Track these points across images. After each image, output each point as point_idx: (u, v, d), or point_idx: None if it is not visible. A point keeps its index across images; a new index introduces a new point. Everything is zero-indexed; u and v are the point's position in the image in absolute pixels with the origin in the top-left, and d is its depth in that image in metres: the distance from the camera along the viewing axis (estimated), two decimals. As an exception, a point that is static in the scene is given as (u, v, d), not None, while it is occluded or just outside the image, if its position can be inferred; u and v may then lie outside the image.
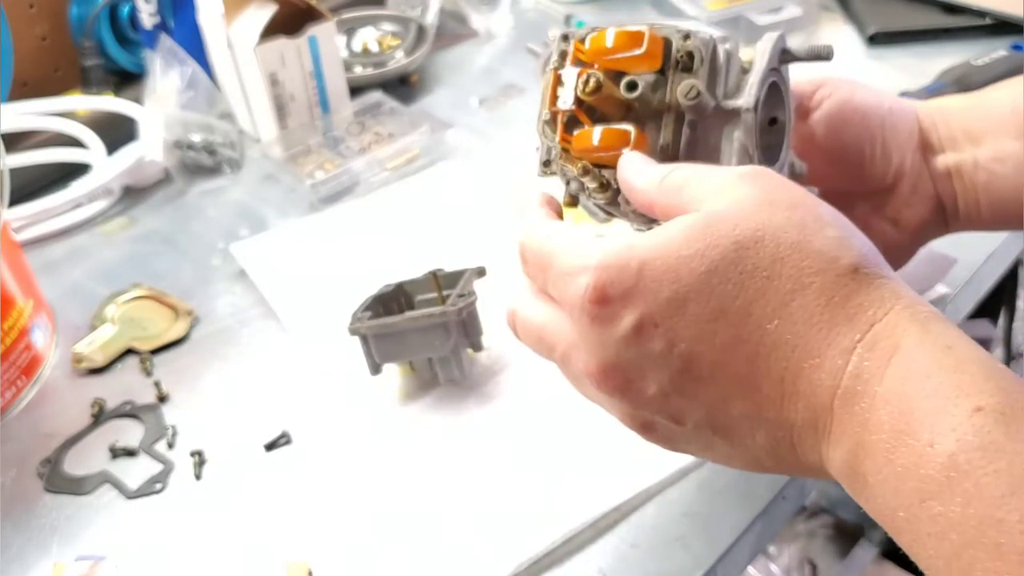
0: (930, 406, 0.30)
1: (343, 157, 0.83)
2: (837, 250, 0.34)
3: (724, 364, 0.35)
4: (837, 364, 0.33)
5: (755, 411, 0.35)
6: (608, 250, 0.36)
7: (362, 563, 0.50)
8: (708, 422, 0.36)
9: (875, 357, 0.32)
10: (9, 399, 0.62)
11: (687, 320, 0.34)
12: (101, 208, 0.81)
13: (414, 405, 0.59)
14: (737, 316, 0.34)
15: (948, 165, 0.52)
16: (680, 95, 0.42)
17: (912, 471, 0.30)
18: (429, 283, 0.63)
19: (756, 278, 0.34)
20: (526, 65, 0.97)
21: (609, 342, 0.36)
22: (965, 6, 0.97)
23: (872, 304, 0.33)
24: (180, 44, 0.85)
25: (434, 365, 0.58)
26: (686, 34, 0.43)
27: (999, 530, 0.27)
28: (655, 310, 0.35)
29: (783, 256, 0.34)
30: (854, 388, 0.32)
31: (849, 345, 0.33)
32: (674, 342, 0.35)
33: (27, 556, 0.53)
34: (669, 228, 0.35)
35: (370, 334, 0.57)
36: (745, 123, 0.43)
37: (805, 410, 0.34)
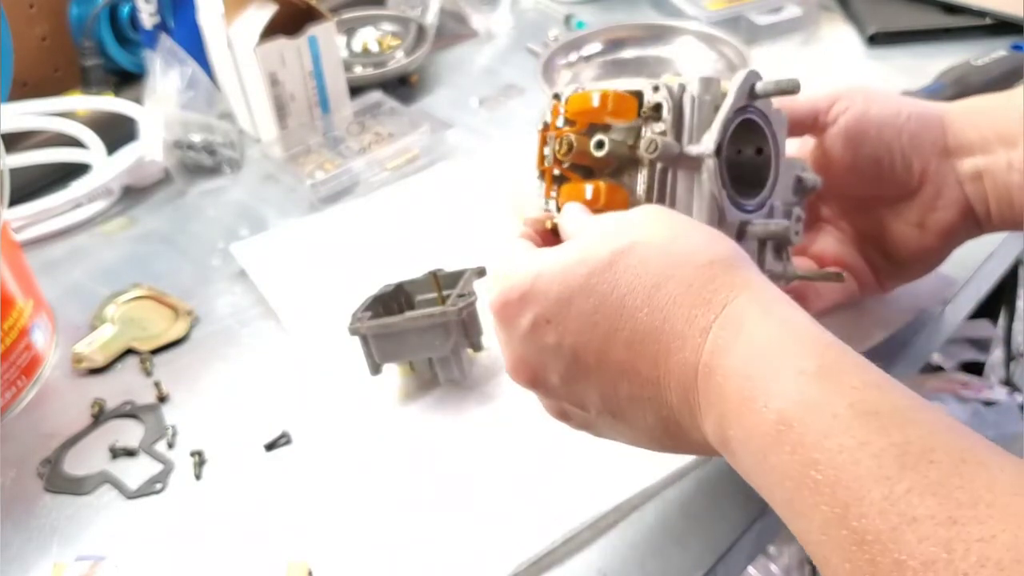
0: (765, 373, 0.35)
1: (343, 157, 0.83)
2: (697, 249, 0.40)
3: (607, 352, 0.40)
4: (697, 342, 0.38)
5: (639, 392, 0.40)
6: (516, 264, 0.43)
7: (362, 563, 0.50)
8: (605, 407, 0.42)
9: (726, 335, 0.37)
10: (9, 399, 0.62)
11: (572, 315, 0.41)
12: (101, 208, 0.81)
13: (414, 405, 0.59)
14: (613, 309, 0.40)
15: (978, 168, 0.52)
16: (642, 150, 0.46)
17: (756, 431, 0.35)
18: (429, 283, 0.63)
19: (627, 275, 0.40)
20: (526, 65, 0.97)
21: (515, 339, 0.43)
22: (965, 6, 0.97)
23: (724, 288, 0.38)
24: (180, 44, 0.85)
25: (434, 365, 0.58)
26: (655, 86, 0.47)
27: (816, 469, 0.32)
28: (547, 308, 0.41)
29: (651, 257, 0.40)
30: (711, 363, 0.37)
31: (706, 325, 0.38)
32: (564, 335, 0.41)
33: (27, 556, 0.53)
34: (562, 245, 0.42)
35: (370, 334, 0.57)
36: (708, 168, 0.46)
37: (678, 388, 0.39)
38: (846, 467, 0.31)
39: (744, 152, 0.51)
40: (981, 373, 1.31)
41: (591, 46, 0.97)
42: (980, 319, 1.28)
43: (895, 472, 0.30)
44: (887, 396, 0.33)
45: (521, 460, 0.55)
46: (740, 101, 0.48)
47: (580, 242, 0.42)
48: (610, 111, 0.47)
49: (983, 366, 1.32)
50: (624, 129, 0.48)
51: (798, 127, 0.54)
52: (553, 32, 1.03)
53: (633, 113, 0.48)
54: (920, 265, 0.57)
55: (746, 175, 0.50)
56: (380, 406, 0.59)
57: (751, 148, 0.51)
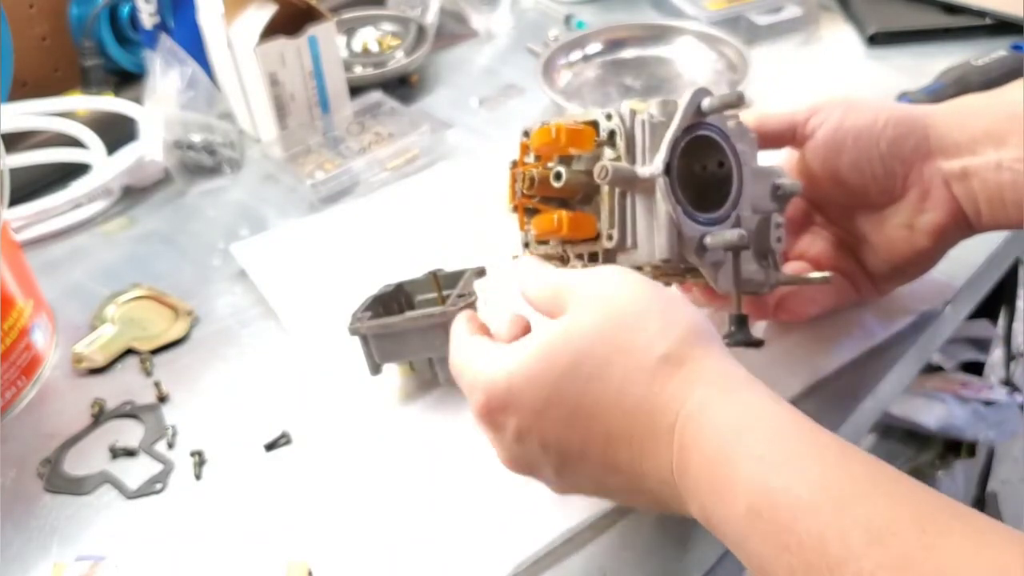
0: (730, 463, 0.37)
1: (343, 157, 0.83)
2: (652, 342, 0.41)
3: (588, 454, 0.42)
4: (666, 441, 0.39)
5: (627, 484, 0.42)
6: (487, 370, 0.44)
7: (362, 563, 0.50)
8: (602, 491, 0.45)
9: (690, 432, 0.39)
10: (9, 399, 0.62)
11: (550, 423, 0.42)
12: (101, 208, 0.81)
13: (414, 405, 0.59)
14: (586, 414, 0.41)
15: (966, 168, 0.52)
16: (596, 176, 0.48)
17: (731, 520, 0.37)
18: (429, 283, 0.62)
19: (593, 381, 0.41)
20: (526, 65, 0.97)
21: (505, 443, 0.45)
22: (965, 6, 0.97)
23: (682, 386, 0.40)
24: (180, 44, 0.85)
25: (434, 365, 0.58)
26: (608, 114, 0.50)
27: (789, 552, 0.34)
28: (526, 418, 0.42)
29: (611, 358, 0.41)
30: (682, 461, 0.39)
31: (670, 424, 0.39)
32: (546, 441, 0.43)
33: (27, 556, 0.53)
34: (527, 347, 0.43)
35: (370, 334, 0.57)
36: (660, 187, 0.48)
37: (658, 483, 0.40)
38: (816, 550, 0.33)
39: (709, 167, 0.52)
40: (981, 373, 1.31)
41: (591, 46, 0.97)
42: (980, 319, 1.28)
43: (862, 550, 0.31)
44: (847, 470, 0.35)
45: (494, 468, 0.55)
46: (687, 120, 0.49)
47: (539, 349, 0.42)
48: (564, 143, 0.49)
49: (983, 366, 1.32)
50: (587, 159, 0.51)
51: (778, 140, 0.55)
52: (553, 32, 1.03)
53: (591, 143, 0.50)
54: (914, 268, 0.57)
55: (714, 189, 0.52)
56: (380, 406, 0.59)
57: (713, 162, 0.52)
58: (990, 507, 1.35)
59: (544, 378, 0.42)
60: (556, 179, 0.50)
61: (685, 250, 0.49)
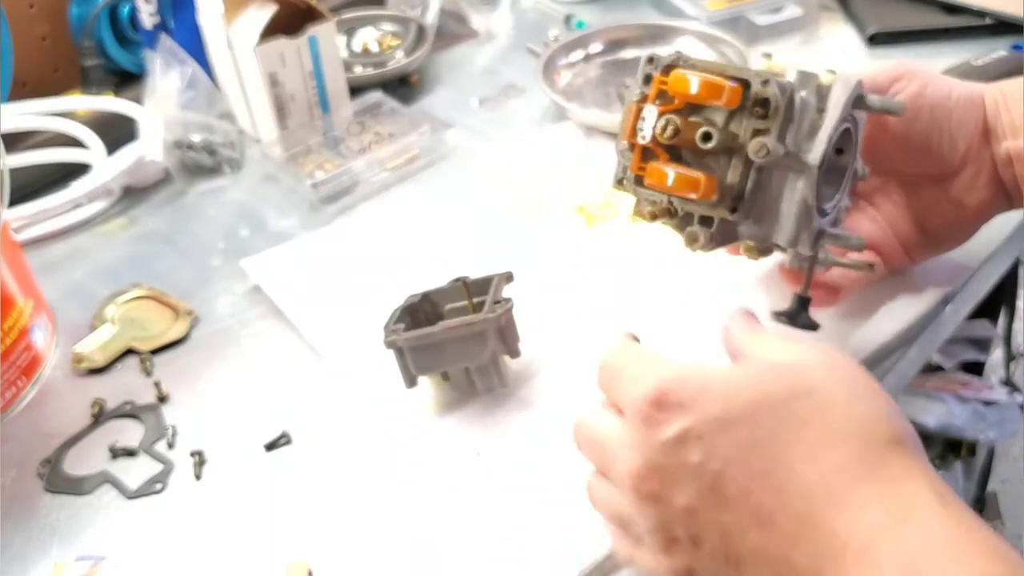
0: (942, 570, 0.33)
1: (343, 157, 0.83)
2: (880, 420, 0.38)
3: (750, 492, 0.37)
4: (855, 516, 0.35)
5: (767, 546, 0.37)
6: (677, 366, 0.40)
7: (362, 563, 0.50)
8: (722, 548, 0.38)
9: (890, 519, 0.35)
10: (9, 399, 0.62)
11: (726, 440, 0.37)
12: (101, 208, 0.80)
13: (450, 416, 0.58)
14: (773, 450, 0.37)
15: (1010, 151, 0.54)
16: (751, 152, 0.45)
17: None
18: (457, 291, 0.61)
19: (799, 421, 0.37)
20: (526, 65, 0.97)
21: (654, 444, 0.39)
22: (965, 6, 0.97)
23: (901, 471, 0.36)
24: (180, 44, 0.85)
25: (471, 374, 0.57)
26: (765, 80, 0.46)
27: None
28: (701, 423, 0.38)
29: (828, 409, 0.37)
30: (869, 544, 0.34)
31: (866, 500, 0.35)
32: (710, 458, 0.38)
33: (27, 556, 0.53)
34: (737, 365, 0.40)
35: (406, 346, 0.56)
36: (808, 176, 0.46)
37: (814, 555, 0.35)
38: None
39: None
40: (981, 373, 1.31)
41: (591, 46, 0.97)
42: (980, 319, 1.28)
43: None
44: None
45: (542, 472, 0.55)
46: (847, 110, 0.48)
47: (754, 369, 0.39)
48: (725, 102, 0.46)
49: (983, 366, 1.32)
50: (718, 111, 0.47)
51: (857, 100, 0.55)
52: (553, 32, 1.03)
53: (738, 103, 0.46)
54: (953, 241, 0.59)
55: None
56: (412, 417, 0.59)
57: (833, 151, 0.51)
58: (990, 507, 1.35)
59: (748, 396, 0.38)
60: (705, 140, 0.46)
61: (802, 238, 0.48)
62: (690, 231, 0.49)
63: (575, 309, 0.65)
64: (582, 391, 0.58)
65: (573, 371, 0.60)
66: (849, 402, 0.38)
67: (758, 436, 0.37)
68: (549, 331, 0.63)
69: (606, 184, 0.75)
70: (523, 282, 0.61)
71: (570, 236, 0.72)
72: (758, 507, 0.37)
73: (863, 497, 0.35)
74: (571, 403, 0.58)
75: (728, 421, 0.38)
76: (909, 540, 0.34)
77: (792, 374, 0.39)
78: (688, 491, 0.38)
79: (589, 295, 0.66)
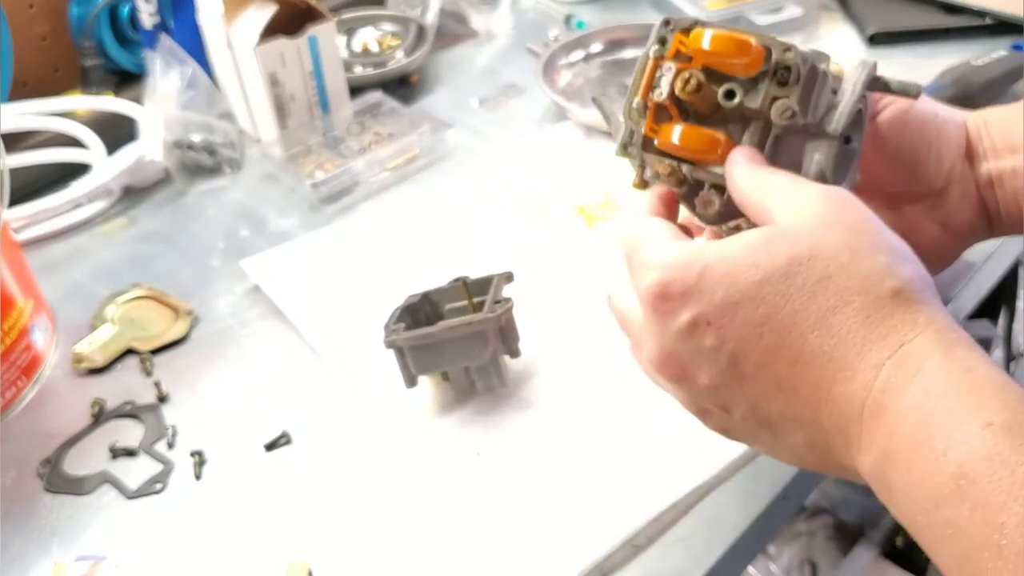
0: (946, 421, 0.33)
1: (343, 157, 0.83)
2: (882, 275, 0.37)
3: (766, 365, 0.38)
4: (867, 378, 0.36)
5: (793, 412, 0.38)
6: (677, 252, 0.40)
7: (362, 563, 0.50)
8: (752, 416, 0.40)
9: (901, 375, 0.35)
10: (9, 399, 0.62)
11: (737, 322, 0.38)
12: (101, 208, 0.81)
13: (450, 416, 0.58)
14: (782, 324, 0.37)
15: (991, 172, 0.53)
16: (775, 114, 0.44)
17: (928, 479, 0.33)
18: (456, 291, 0.61)
19: (804, 292, 0.37)
20: (526, 65, 0.97)
21: (667, 334, 0.40)
22: (965, 6, 0.97)
23: (905, 326, 0.36)
24: (180, 44, 0.85)
25: (471, 374, 0.57)
26: (787, 47, 0.45)
27: (1001, 533, 0.30)
28: (709, 310, 0.38)
29: (831, 275, 0.37)
30: (881, 401, 0.35)
31: (879, 361, 0.36)
32: (723, 340, 0.38)
33: (27, 556, 0.53)
34: (734, 239, 0.39)
35: (406, 346, 0.56)
36: (828, 147, 0.45)
37: (837, 417, 0.37)
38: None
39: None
40: (981, 373, 1.31)
41: (591, 46, 0.97)
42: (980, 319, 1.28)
43: None
44: None
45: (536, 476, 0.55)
46: (864, 90, 0.47)
47: (753, 243, 0.39)
48: (749, 61, 0.44)
49: (983, 366, 1.32)
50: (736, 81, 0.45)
51: None
52: (553, 32, 1.03)
53: (759, 69, 0.45)
54: (937, 263, 0.57)
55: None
56: (413, 417, 0.59)
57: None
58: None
59: (749, 274, 0.38)
60: (728, 98, 0.45)
61: None
62: (704, 196, 0.46)
63: (575, 309, 0.65)
64: (582, 391, 0.59)
65: (573, 371, 0.60)
66: (851, 263, 0.37)
67: (765, 312, 0.38)
68: (549, 331, 0.63)
69: (606, 184, 0.75)
70: (523, 282, 0.61)
71: (570, 236, 0.72)
72: (778, 378, 0.38)
73: (873, 358, 0.36)
74: (571, 403, 0.58)
75: (734, 303, 0.38)
76: (917, 395, 0.34)
77: (791, 242, 0.38)
78: (708, 372, 0.40)
79: (589, 295, 0.66)
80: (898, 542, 1.21)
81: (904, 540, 1.21)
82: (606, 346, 0.62)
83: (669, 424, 0.56)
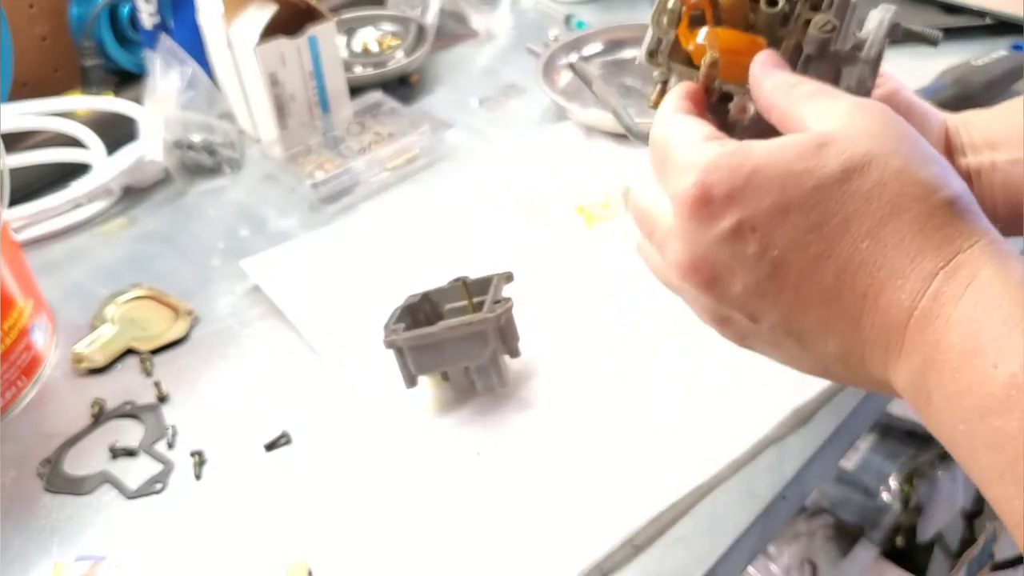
0: (998, 331, 0.32)
1: (343, 157, 0.83)
2: (937, 184, 0.36)
3: (811, 274, 0.37)
4: (918, 287, 0.35)
5: (831, 322, 0.37)
6: (721, 152, 0.38)
7: (362, 563, 0.50)
8: (784, 325, 0.39)
9: (954, 284, 0.34)
10: (9, 399, 0.62)
11: (785, 229, 0.36)
12: (101, 208, 0.81)
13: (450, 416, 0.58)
14: (833, 232, 0.36)
15: (969, 167, 0.53)
16: (814, 27, 0.43)
17: (976, 388, 0.32)
18: (456, 291, 0.61)
19: (857, 199, 0.36)
20: (526, 65, 0.97)
21: (705, 239, 0.38)
22: (965, 6, 0.97)
23: (960, 236, 0.35)
24: (180, 44, 0.85)
25: (471, 374, 0.57)
26: None
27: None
28: (756, 215, 0.37)
29: (886, 182, 0.36)
30: (930, 310, 0.34)
31: (932, 270, 0.35)
32: (768, 248, 0.37)
33: (27, 556, 0.53)
34: (784, 141, 0.37)
35: (406, 346, 0.56)
36: (860, 73, 0.45)
37: (880, 327, 0.36)
38: None
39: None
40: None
41: (591, 46, 0.97)
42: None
43: None
44: None
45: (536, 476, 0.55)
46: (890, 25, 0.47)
47: (805, 144, 0.37)
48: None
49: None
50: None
51: None
52: (553, 32, 1.03)
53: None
54: None
55: None
56: (412, 417, 0.59)
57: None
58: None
59: (802, 179, 0.36)
60: (771, 3, 0.44)
61: None
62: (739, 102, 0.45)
63: (575, 309, 0.65)
64: (582, 391, 0.59)
65: (573, 371, 0.60)
66: (905, 170, 0.36)
67: (816, 220, 0.36)
68: (549, 331, 0.63)
69: (606, 184, 0.75)
70: (523, 282, 0.61)
71: (570, 236, 0.73)
72: (821, 287, 0.37)
73: (926, 267, 0.35)
74: (571, 403, 0.58)
75: (784, 209, 0.36)
76: (969, 304, 0.33)
77: (843, 148, 0.36)
78: (744, 280, 0.38)
79: (589, 295, 0.66)
80: (898, 542, 1.21)
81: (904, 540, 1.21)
82: (606, 346, 0.62)
83: (669, 424, 0.56)
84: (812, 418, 0.57)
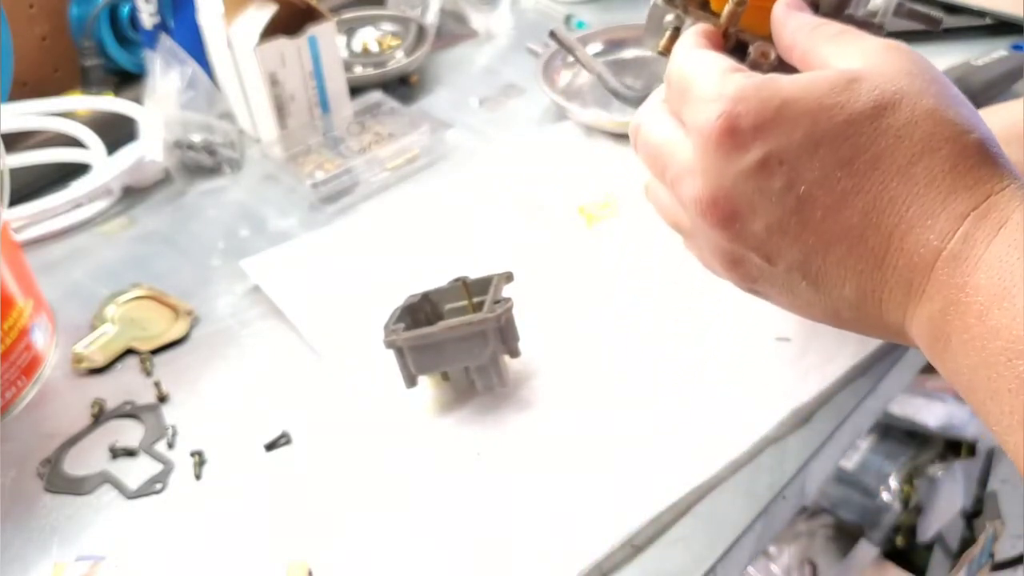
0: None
1: (343, 157, 0.83)
2: (968, 125, 0.35)
3: (838, 211, 0.35)
4: (948, 228, 0.34)
5: (853, 262, 0.36)
6: (748, 83, 0.36)
7: (362, 563, 0.50)
8: (801, 266, 0.37)
9: (985, 226, 0.33)
10: (9, 399, 0.62)
11: (814, 164, 0.35)
12: (101, 208, 0.81)
13: (449, 416, 0.58)
14: (863, 168, 0.35)
15: None
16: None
17: (1003, 331, 0.31)
18: (456, 291, 0.61)
19: (888, 136, 0.35)
20: (526, 65, 0.97)
21: (728, 172, 0.37)
22: (965, 6, 0.97)
23: (992, 178, 0.34)
24: (180, 44, 0.85)
25: (471, 374, 0.57)
26: None
27: None
28: (784, 148, 0.35)
29: (917, 120, 0.35)
30: (959, 251, 0.33)
31: (964, 211, 0.34)
32: (795, 182, 0.36)
33: (27, 556, 0.53)
34: (814, 75, 0.36)
35: (406, 346, 0.56)
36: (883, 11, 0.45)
37: (903, 268, 0.35)
38: None
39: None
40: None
41: (591, 46, 0.97)
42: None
43: None
44: None
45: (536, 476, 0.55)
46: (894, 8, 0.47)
47: (837, 78, 0.36)
48: None
49: (983, 366, 1.32)
50: None
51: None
52: (554, 31, 1.03)
53: None
54: None
55: None
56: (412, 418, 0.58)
57: None
58: (990, 506, 1.35)
59: (833, 113, 0.35)
60: None
61: None
62: (760, 46, 0.44)
63: (575, 309, 0.65)
64: (582, 391, 0.59)
65: (573, 371, 0.60)
66: (937, 109, 0.35)
67: (846, 156, 0.35)
68: (549, 331, 0.63)
69: (606, 184, 0.75)
70: (523, 282, 0.61)
71: (570, 236, 0.73)
72: (846, 226, 0.35)
73: (958, 208, 0.34)
74: (571, 403, 0.58)
75: (815, 143, 0.35)
76: (1000, 247, 0.33)
77: (877, 83, 0.35)
78: (767, 216, 0.37)
79: (589, 295, 0.66)
80: (898, 542, 1.21)
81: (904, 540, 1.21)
82: (606, 346, 0.62)
83: (669, 424, 0.56)
84: (812, 418, 0.57)
